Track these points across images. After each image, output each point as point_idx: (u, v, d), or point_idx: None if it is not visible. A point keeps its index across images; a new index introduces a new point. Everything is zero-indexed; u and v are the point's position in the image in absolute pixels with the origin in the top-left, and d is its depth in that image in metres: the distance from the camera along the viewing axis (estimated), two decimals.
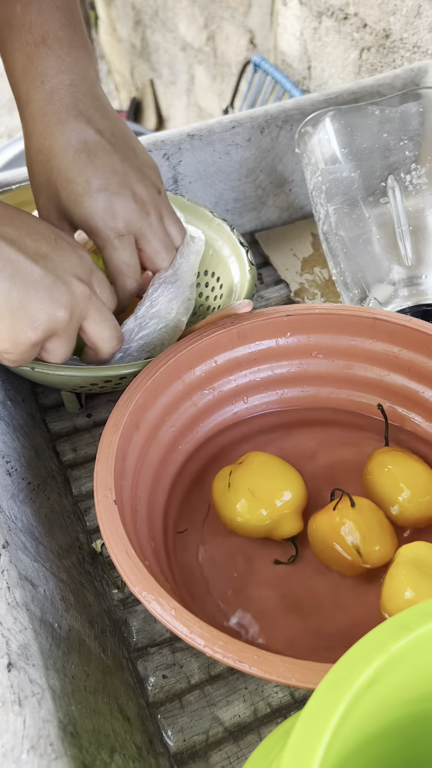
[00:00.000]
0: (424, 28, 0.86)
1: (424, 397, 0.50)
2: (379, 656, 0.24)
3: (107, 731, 0.35)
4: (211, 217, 0.60)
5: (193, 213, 0.61)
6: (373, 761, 0.33)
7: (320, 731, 0.22)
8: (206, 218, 0.60)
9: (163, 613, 0.34)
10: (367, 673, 0.24)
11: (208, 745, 0.40)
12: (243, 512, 0.45)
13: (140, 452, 0.45)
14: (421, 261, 0.57)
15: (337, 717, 0.23)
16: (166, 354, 0.48)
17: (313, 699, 0.23)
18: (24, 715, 0.30)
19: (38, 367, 0.46)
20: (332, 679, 0.24)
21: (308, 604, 0.44)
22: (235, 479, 0.46)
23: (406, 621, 0.25)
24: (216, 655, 0.32)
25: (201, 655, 0.44)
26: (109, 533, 0.37)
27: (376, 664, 0.24)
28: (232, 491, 0.46)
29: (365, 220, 0.59)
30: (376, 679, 0.24)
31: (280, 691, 0.42)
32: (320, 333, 0.51)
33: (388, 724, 0.30)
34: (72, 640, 0.38)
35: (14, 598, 0.35)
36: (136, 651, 0.44)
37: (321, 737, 0.22)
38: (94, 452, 0.56)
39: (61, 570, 0.43)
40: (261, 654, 0.32)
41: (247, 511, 0.45)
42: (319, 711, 0.23)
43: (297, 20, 1.20)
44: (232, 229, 0.58)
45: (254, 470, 0.47)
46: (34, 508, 0.46)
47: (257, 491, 0.45)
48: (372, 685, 0.24)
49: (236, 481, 0.46)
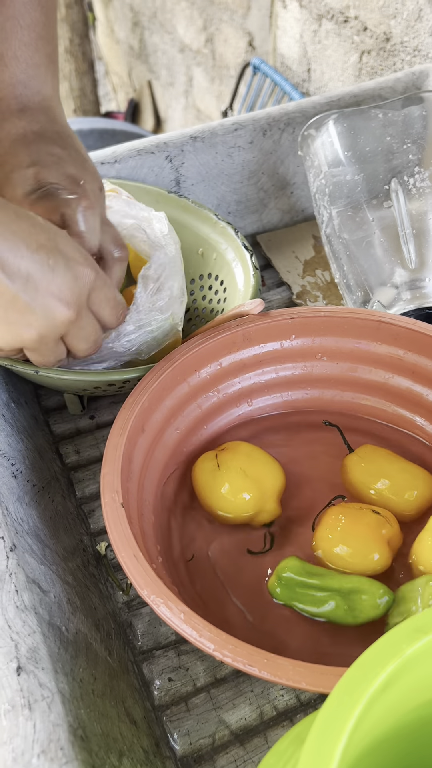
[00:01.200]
0: (425, 31, 0.86)
1: (429, 399, 0.50)
2: (394, 660, 0.24)
3: (115, 735, 0.35)
4: (216, 220, 0.60)
5: (197, 215, 0.61)
6: (383, 764, 0.33)
7: (337, 735, 0.22)
8: (210, 221, 0.60)
9: (171, 617, 0.34)
10: (383, 677, 0.24)
11: (214, 748, 0.40)
12: (229, 493, 0.46)
13: (146, 455, 0.45)
14: (425, 264, 0.57)
15: (352, 721, 0.23)
16: (171, 357, 0.48)
17: (328, 702, 0.23)
18: (34, 719, 0.30)
19: (42, 371, 0.46)
20: (348, 683, 0.24)
21: None
22: (225, 459, 0.47)
23: (421, 624, 0.25)
24: (226, 658, 0.32)
25: (207, 658, 0.43)
26: (116, 536, 0.37)
27: (391, 667, 0.24)
28: (223, 470, 0.47)
29: (368, 223, 0.59)
30: (390, 683, 0.24)
31: (286, 694, 0.42)
32: (325, 335, 0.51)
33: (399, 727, 0.30)
34: (79, 643, 0.38)
35: (23, 601, 0.35)
36: (142, 654, 0.44)
37: (338, 741, 0.22)
38: (98, 454, 0.56)
39: (67, 573, 0.43)
40: (271, 657, 0.32)
41: (234, 490, 0.46)
42: (335, 715, 0.23)
43: (296, 23, 1.20)
44: (237, 233, 0.58)
45: (241, 454, 0.48)
46: (39, 510, 0.46)
47: (248, 471, 0.47)
48: (386, 688, 0.24)
49: (225, 461, 0.47)
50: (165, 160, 0.67)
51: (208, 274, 0.61)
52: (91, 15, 2.81)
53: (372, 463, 0.48)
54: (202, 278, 0.62)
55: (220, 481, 0.46)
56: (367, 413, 0.53)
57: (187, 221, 0.62)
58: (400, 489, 0.47)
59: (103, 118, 2.14)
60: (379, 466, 0.48)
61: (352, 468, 0.48)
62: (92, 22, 2.85)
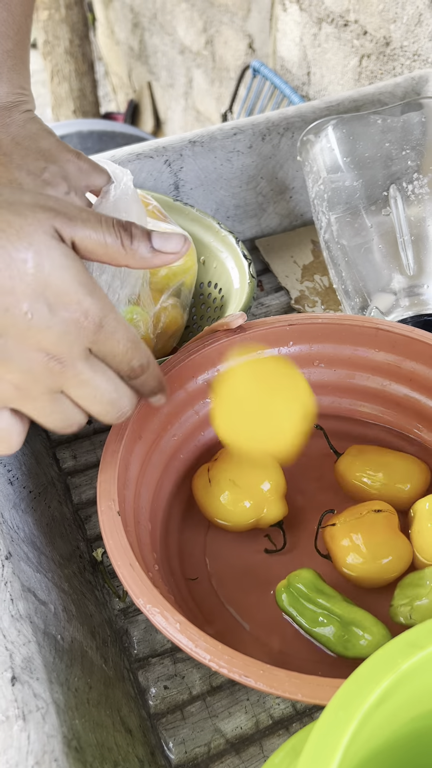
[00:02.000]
0: (425, 36, 0.86)
1: (427, 407, 0.50)
2: (389, 675, 0.24)
3: (110, 745, 0.35)
4: (218, 229, 0.60)
5: (200, 224, 0.62)
6: None
7: (332, 750, 0.22)
8: (213, 229, 0.61)
9: (167, 627, 0.34)
10: (378, 692, 0.24)
11: (209, 757, 0.40)
12: (227, 504, 0.46)
13: (142, 462, 0.45)
14: (423, 271, 0.57)
15: (348, 736, 0.23)
16: (168, 363, 0.47)
17: (323, 717, 0.23)
18: (28, 730, 0.30)
19: None
20: (342, 697, 0.24)
21: None
22: (215, 474, 0.47)
23: (415, 639, 0.25)
24: (221, 669, 0.32)
25: (202, 666, 0.43)
26: (112, 545, 0.37)
27: (387, 682, 0.24)
28: (213, 485, 0.46)
29: (367, 229, 0.59)
30: (385, 697, 0.24)
31: (282, 703, 0.42)
32: (322, 342, 0.51)
33: (393, 740, 0.30)
34: (74, 651, 0.38)
35: (18, 611, 0.35)
36: (137, 661, 0.44)
37: (333, 755, 0.22)
38: (95, 459, 0.56)
39: (63, 580, 0.43)
40: (267, 669, 0.32)
41: (231, 501, 0.46)
42: (330, 730, 0.23)
43: (297, 26, 1.20)
44: (237, 242, 0.58)
45: (231, 463, 0.47)
46: (35, 517, 0.46)
47: (238, 480, 0.46)
48: (381, 703, 0.24)
49: (216, 475, 0.47)
50: (164, 165, 0.67)
51: (208, 283, 0.61)
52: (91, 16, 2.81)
53: (363, 458, 0.49)
54: (202, 286, 0.62)
55: (213, 497, 0.46)
56: (364, 420, 0.53)
57: (191, 229, 0.62)
58: (396, 476, 0.47)
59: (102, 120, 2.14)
60: (371, 459, 0.49)
61: (346, 468, 0.49)
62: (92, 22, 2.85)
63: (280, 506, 0.47)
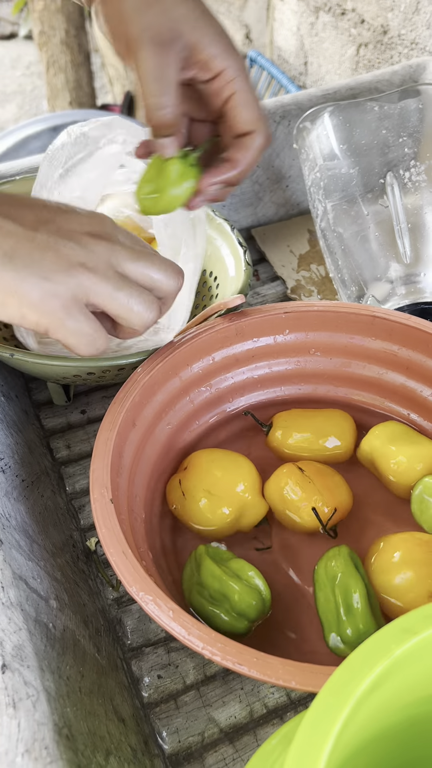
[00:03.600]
0: (422, 24, 0.86)
1: (423, 395, 0.50)
2: (382, 660, 0.24)
3: (102, 733, 0.34)
4: (213, 216, 0.59)
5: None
6: (371, 763, 0.32)
7: (323, 737, 0.22)
8: (208, 217, 0.60)
9: (160, 615, 0.33)
10: (371, 678, 0.23)
11: (203, 746, 0.40)
12: (206, 513, 0.44)
13: (136, 450, 0.45)
14: (420, 259, 0.56)
15: (340, 722, 0.22)
16: (163, 351, 0.47)
17: (315, 704, 0.23)
18: (18, 717, 0.30)
19: (17, 354, 0.45)
20: (335, 684, 0.23)
21: None
22: (187, 485, 0.45)
23: (409, 624, 0.25)
24: (215, 657, 0.32)
25: (196, 655, 0.43)
26: (105, 533, 0.37)
27: (380, 668, 0.24)
28: (188, 498, 0.45)
29: (363, 217, 0.58)
30: (378, 684, 0.24)
31: (276, 692, 0.42)
32: (318, 330, 0.51)
33: (387, 727, 0.29)
34: (66, 640, 0.37)
35: (8, 598, 0.35)
36: (131, 651, 0.44)
37: (324, 743, 0.22)
38: (88, 449, 0.55)
39: (56, 569, 0.43)
40: (260, 656, 0.32)
41: (209, 510, 0.44)
42: (322, 716, 0.22)
43: (294, 15, 1.20)
44: (233, 229, 0.58)
45: (202, 471, 0.46)
46: (27, 505, 0.46)
47: (213, 489, 0.45)
48: (375, 689, 0.24)
49: (188, 487, 0.45)
50: None
51: (203, 271, 0.60)
52: None
53: (290, 423, 0.50)
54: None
55: (191, 509, 0.45)
56: (360, 409, 0.53)
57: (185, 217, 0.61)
58: (322, 433, 0.49)
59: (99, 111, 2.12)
60: (296, 423, 0.50)
61: (273, 439, 0.50)
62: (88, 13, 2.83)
63: (259, 505, 0.46)
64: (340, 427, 0.50)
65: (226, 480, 0.45)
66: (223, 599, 0.40)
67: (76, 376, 0.48)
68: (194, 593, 0.41)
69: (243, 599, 0.39)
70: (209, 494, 0.44)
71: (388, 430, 0.48)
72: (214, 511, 0.44)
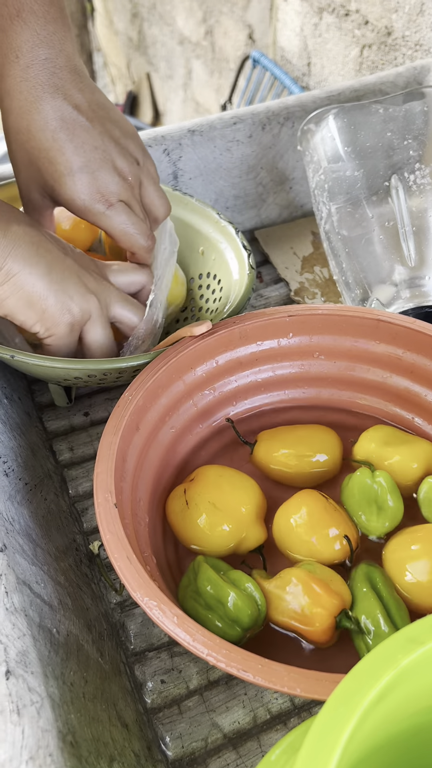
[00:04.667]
0: (427, 26, 0.85)
1: (427, 400, 0.49)
2: (389, 671, 0.24)
3: (106, 739, 0.34)
4: (217, 219, 0.59)
5: (200, 214, 0.61)
6: None
7: (332, 747, 0.22)
8: (212, 219, 0.60)
9: (165, 620, 0.33)
10: (378, 688, 0.23)
11: (207, 752, 0.40)
12: (206, 528, 0.43)
13: (140, 454, 0.45)
14: (424, 262, 0.56)
15: (348, 733, 0.22)
16: (166, 354, 0.47)
17: (323, 713, 0.23)
18: (23, 724, 0.29)
19: (18, 356, 0.45)
20: (342, 694, 0.23)
21: None
22: (193, 495, 0.44)
23: (415, 635, 0.25)
24: (219, 663, 0.31)
25: (200, 660, 0.43)
26: (109, 537, 0.37)
27: (387, 678, 0.24)
28: (191, 508, 0.44)
29: (368, 219, 0.58)
30: (385, 694, 0.24)
31: (280, 698, 0.41)
32: (323, 334, 0.51)
33: (392, 736, 0.29)
34: (70, 645, 0.37)
35: (12, 604, 0.34)
36: (134, 655, 0.43)
37: (333, 753, 0.22)
38: (91, 452, 0.55)
39: (59, 573, 0.43)
40: (265, 663, 0.31)
41: (210, 525, 0.43)
42: (330, 726, 0.22)
43: (297, 16, 1.19)
44: (237, 233, 0.58)
45: (210, 484, 0.45)
46: (31, 509, 0.46)
47: (218, 503, 0.43)
48: (381, 699, 0.24)
49: (194, 497, 0.44)
50: (163, 154, 0.66)
51: (207, 274, 0.60)
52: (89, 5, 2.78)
53: (275, 439, 0.49)
54: (201, 277, 0.61)
55: (191, 520, 0.44)
56: (364, 413, 0.53)
57: (190, 220, 0.61)
58: (309, 448, 0.48)
59: None
60: (281, 440, 0.49)
61: (258, 453, 0.49)
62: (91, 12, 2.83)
63: (259, 531, 0.44)
64: (327, 442, 0.49)
65: (232, 497, 0.44)
66: (218, 605, 0.39)
67: (77, 378, 0.48)
68: (189, 599, 0.40)
69: (237, 605, 0.38)
70: (213, 507, 0.43)
71: (381, 434, 0.48)
72: (214, 527, 0.43)
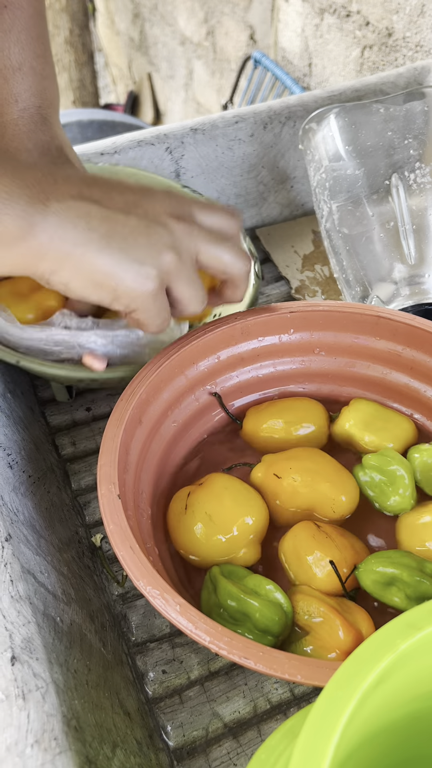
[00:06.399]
0: (428, 27, 0.86)
1: (427, 395, 0.50)
2: (387, 655, 0.24)
3: (109, 726, 0.35)
4: None
5: None
6: (373, 758, 0.33)
7: (330, 730, 0.22)
8: None
9: (168, 609, 0.34)
10: (376, 672, 0.24)
11: (207, 741, 0.40)
12: (199, 537, 0.43)
13: (143, 447, 0.45)
14: (424, 260, 0.57)
15: (346, 716, 0.23)
16: (169, 349, 0.47)
17: (322, 697, 0.23)
18: (28, 709, 0.30)
19: (23, 361, 0.46)
20: (341, 678, 0.24)
21: None
22: (193, 501, 0.44)
23: (414, 620, 0.25)
24: (221, 651, 0.32)
25: (201, 651, 0.44)
26: (113, 528, 0.37)
27: (385, 662, 0.24)
28: (188, 514, 0.43)
29: (368, 218, 0.59)
30: (383, 678, 0.24)
31: (280, 688, 0.42)
32: (323, 330, 0.51)
33: (390, 722, 0.30)
34: (74, 634, 0.38)
35: (17, 591, 0.35)
36: (136, 646, 0.44)
37: (331, 736, 0.22)
38: (94, 446, 0.56)
39: (62, 564, 0.43)
40: (266, 650, 0.32)
41: (203, 536, 0.43)
42: (329, 709, 0.23)
43: (298, 17, 1.20)
44: (244, 238, 0.58)
45: (214, 493, 0.44)
46: (34, 501, 0.46)
47: (215, 516, 0.43)
48: (380, 683, 0.24)
49: (194, 503, 0.44)
50: (165, 152, 0.67)
51: None
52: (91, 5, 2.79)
53: (263, 412, 0.51)
54: None
55: (186, 526, 0.43)
56: None
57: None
58: (294, 416, 0.50)
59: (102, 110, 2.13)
60: (269, 412, 0.50)
61: (249, 422, 0.51)
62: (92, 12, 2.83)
63: (252, 552, 0.43)
64: (312, 411, 0.51)
65: (231, 512, 0.43)
66: (245, 618, 0.38)
67: (80, 381, 0.49)
68: (214, 615, 0.40)
69: (264, 615, 0.38)
70: (209, 519, 0.43)
71: (360, 412, 0.50)
72: (208, 537, 0.43)
